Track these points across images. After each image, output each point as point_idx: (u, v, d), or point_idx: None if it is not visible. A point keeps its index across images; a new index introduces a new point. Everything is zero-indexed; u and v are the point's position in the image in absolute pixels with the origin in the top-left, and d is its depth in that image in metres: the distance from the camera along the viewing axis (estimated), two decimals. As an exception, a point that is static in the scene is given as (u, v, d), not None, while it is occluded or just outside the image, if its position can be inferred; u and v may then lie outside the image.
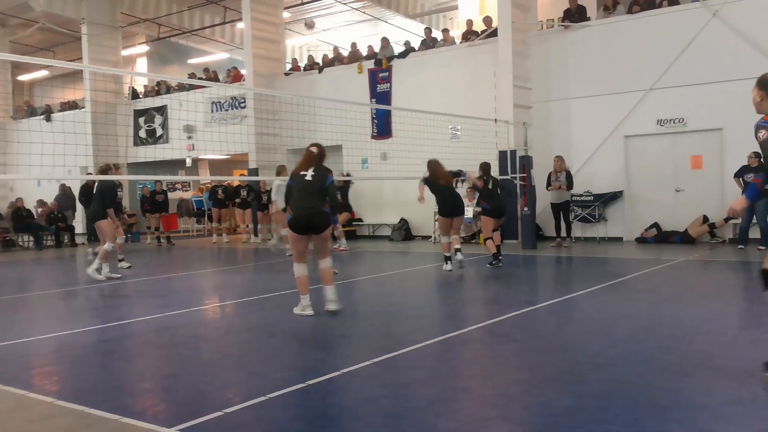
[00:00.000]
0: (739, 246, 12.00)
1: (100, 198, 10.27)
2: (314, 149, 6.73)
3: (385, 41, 18.42)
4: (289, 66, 20.74)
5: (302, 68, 20.20)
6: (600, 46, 14.55)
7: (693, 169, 13.72)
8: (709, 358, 4.62)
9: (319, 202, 6.46)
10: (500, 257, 10.70)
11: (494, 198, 10.79)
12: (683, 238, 13.25)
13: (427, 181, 10.36)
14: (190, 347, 5.53)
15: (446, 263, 10.09)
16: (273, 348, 5.43)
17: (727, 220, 13.02)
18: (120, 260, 11.34)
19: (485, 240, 10.74)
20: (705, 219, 13.31)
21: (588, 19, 15.16)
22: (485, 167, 10.98)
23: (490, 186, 10.83)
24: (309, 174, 6.52)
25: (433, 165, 10.29)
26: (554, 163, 13.79)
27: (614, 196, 14.38)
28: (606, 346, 5.10)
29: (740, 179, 11.88)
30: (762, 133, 4.02)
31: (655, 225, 13.87)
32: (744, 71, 12.80)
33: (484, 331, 5.79)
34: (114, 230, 10.46)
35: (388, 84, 17.59)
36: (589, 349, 5.07)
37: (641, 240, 13.85)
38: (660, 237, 13.61)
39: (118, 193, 11.47)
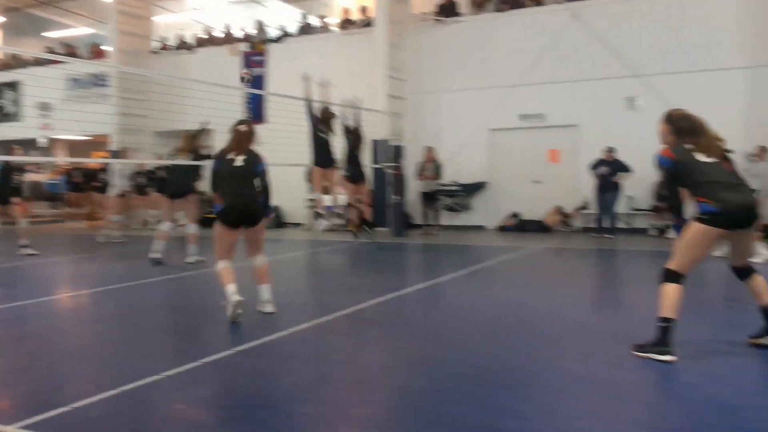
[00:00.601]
0: (594, 235, 12.92)
1: None
2: (244, 128, 5.80)
3: (260, 24, 18.05)
4: (157, 44, 19.81)
5: (171, 47, 19.38)
6: (470, 41, 15.09)
7: (550, 162, 14.60)
8: (557, 340, 4.96)
9: (252, 190, 5.67)
10: (366, 229, 11.08)
11: (353, 161, 11.15)
12: (540, 227, 14.11)
13: (314, 118, 10.48)
14: (42, 339, 5.18)
15: (318, 220, 10.19)
16: (130, 339, 5.20)
17: (579, 210, 14.02)
18: None
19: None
20: (560, 209, 14.23)
21: (460, 14, 15.67)
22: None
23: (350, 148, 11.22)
24: (240, 159, 5.67)
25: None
26: (425, 153, 14.18)
27: (479, 186, 15.03)
28: (464, 329, 5.34)
29: (595, 171, 12.78)
30: (661, 172, 4.47)
31: (516, 214, 14.66)
32: (599, 72, 13.83)
33: (350, 318, 5.87)
34: None
35: (263, 68, 17.25)
36: (450, 332, 5.29)
37: (502, 228, 14.59)
38: (519, 226, 14.41)
39: (14, 177, 10.54)
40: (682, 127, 4.51)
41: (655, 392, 3.67)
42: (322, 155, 10.28)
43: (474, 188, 15.02)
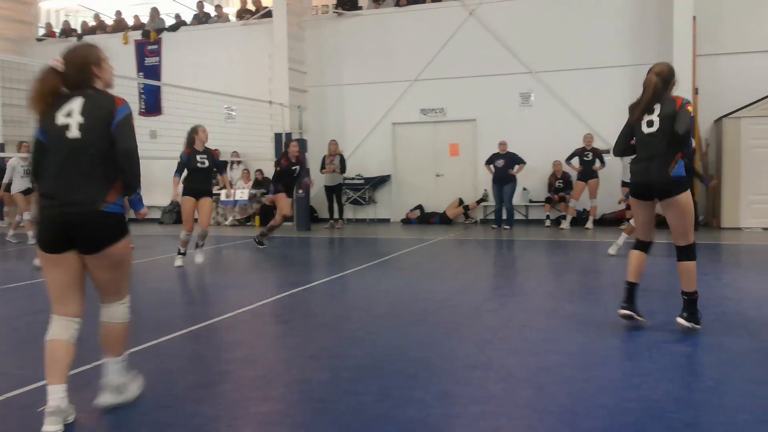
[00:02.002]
0: (493, 226, 13.34)
1: None
2: (58, 63, 3.28)
3: (154, 12, 17.41)
4: (42, 31, 18.69)
5: (58, 34, 18.35)
6: (370, 35, 15.18)
7: (451, 156, 14.96)
8: (456, 328, 5.10)
9: (92, 183, 3.16)
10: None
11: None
12: (442, 219, 14.43)
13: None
14: None
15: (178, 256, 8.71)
16: (13, 343, 4.91)
17: (478, 202, 14.44)
18: None
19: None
20: (460, 201, 14.61)
21: (360, 8, 15.72)
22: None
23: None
24: (74, 118, 3.18)
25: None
26: (329, 146, 14.16)
27: (383, 180, 15.19)
28: (366, 321, 5.39)
29: (491, 165, 13.19)
30: None
31: (419, 207, 14.93)
32: (495, 68, 14.25)
33: (252, 314, 5.80)
34: None
35: (158, 58, 16.68)
36: (351, 325, 5.33)
37: (406, 221, 14.83)
38: (422, 218, 14.68)
39: None
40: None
41: (546, 376, 3.84)
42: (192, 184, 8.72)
43: (378, 181, 15.16)
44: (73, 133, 3.16)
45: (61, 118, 3.19)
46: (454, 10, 14.61)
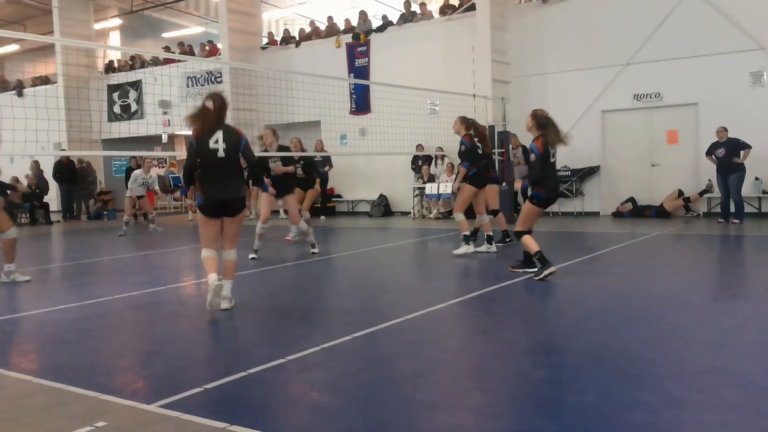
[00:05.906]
0: (719, 220, 12.16)
1: None
2: (210, 103, 5.46)
3: (363, 15, 18.26)
4: (265, 40, 20.49)
5: (279, 42, 19.99)
6: (577, 20, 14.56)
7: (668, 143, 13.87)
8: (682, 329, 4.71)
9: (236, 180, 5.54)
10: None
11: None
12: (659, 212, 13.44)
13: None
14: (168, 324, 5.51)
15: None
16: (250, 324, 5.43)
17: (701, 194, 13.23)
18: None
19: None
20: (680, 193, 13.49)
21: (566, -8, 15.13)
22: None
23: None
24: (220, 143, 5.41)
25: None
26: (511, 140, 13.89)
27: (591, 171, 14.51)
28: (580, 317, 5.18)
29: (712, 156, 12.04)
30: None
31: (631, 199, 14.04)
32: (719, 46, 12.96)
33: (463, 305, 5.85)
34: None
35: (366, 58, 17.47)
36: (565, 320, 5.16)
37: (617, 214, 14.03)
38: (636, 211, 13.79)
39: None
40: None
41: (797, 387, 3.40)
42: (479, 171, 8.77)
43: (586, 173, 14.52)
44: (221, 154, 5.41)
45: (212, 144, 5.40)
46: (671, -13, 13.49)
